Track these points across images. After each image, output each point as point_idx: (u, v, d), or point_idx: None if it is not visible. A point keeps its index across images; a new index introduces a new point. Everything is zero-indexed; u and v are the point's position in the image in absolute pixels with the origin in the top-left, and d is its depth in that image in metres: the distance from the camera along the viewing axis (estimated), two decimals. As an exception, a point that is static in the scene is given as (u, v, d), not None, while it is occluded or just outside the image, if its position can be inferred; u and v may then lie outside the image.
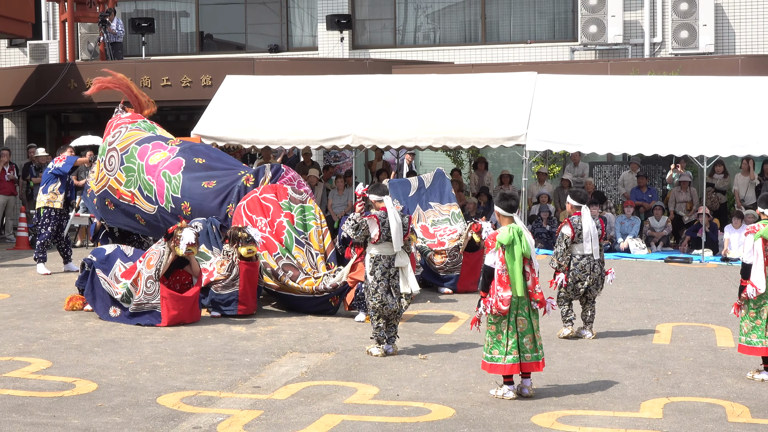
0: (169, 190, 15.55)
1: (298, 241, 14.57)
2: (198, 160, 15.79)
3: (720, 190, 22.45)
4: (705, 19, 26.38)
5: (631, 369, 11.04)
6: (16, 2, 25.59)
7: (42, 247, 17.70)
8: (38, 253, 17.80)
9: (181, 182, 15.53)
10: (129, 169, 15.93)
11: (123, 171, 15.94)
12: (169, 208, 15.51)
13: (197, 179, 15.55)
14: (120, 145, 16.14)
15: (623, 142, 20.63)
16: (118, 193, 16.01)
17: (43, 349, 11.94)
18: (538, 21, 29.09)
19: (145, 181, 15.75)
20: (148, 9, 31.54)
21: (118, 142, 16.21)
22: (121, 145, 16.13)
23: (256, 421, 9.02)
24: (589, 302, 12.81)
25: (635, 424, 8.99)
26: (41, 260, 17.81)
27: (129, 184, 15.89)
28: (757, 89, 21.41)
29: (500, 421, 9.05)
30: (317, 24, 29.75)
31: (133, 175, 15.86)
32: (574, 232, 12.58)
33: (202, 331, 12.97)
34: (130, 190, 15.88)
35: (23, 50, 30.62)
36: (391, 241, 11.61)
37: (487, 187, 23.67)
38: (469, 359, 11.46)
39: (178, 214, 15.26)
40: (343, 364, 11.28)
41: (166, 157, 15.84)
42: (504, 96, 21.78)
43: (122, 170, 15.95)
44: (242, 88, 23.10)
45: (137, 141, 16.14)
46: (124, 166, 15.95)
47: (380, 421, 9.01)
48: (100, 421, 8.98)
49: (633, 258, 20.53)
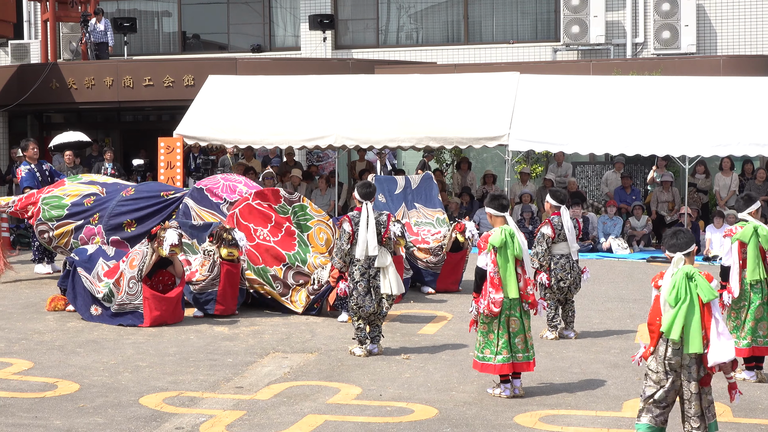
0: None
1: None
2: (128, 228, 15.72)
3: (702, 190, 22.53)
4: (687, 20, 26.47)
5: (613, 368, 11.07)
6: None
7: (40, 246, 17.73)
8: (37, 254, 17.84)
9: None
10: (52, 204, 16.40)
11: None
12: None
13: None
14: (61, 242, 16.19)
15: (606, 142, 20.71)
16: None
17: (24, 349, 11.90)
18: (520, 21, 29.13)
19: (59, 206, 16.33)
20: (131, 9, 31.46)
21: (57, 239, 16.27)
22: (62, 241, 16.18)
23: (238, 422, 9.01)
24: (569, 302, 12.84)
25: (618, 424, 9.01)
26: (39, 260, 17.83)
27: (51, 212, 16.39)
28: (739, 89, 21.49)
29: (483, 420, 9.07)
30: (300, 24, 29.73)
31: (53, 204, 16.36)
32: (555, 232, 12.60)
33: (184, 332, 12.95)
34: None
35: (5, 50, 30.50)
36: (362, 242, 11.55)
37: (470, 187, 23.70)
38: (452, 359, 11.47)
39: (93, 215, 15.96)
40: (325, 364, 11.28)
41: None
42: (487, 96, 21.82)
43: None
44: (225, 88, 23.08)
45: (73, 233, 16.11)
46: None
47: (363, 421, 9.01)
48: (83, 421, 8.96)
49: (615, 258, 20.58)
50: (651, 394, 7.77)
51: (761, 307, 10.67)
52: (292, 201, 15.01)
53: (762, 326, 10.67)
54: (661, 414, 7.75)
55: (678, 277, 7.74)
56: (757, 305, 10.64)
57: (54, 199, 16.20)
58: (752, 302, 10.63)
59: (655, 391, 7.75)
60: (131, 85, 25.78)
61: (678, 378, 7.75)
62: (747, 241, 10.57)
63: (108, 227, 15.70)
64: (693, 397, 7.73)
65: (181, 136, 21.58)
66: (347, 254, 11.64)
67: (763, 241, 10.60)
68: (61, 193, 16.29)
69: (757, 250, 10.59)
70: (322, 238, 14.83)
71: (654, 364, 7.77)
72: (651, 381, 7.78)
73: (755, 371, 10.68)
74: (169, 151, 21.24)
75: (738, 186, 21.79)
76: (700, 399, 7.75)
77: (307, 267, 14.28)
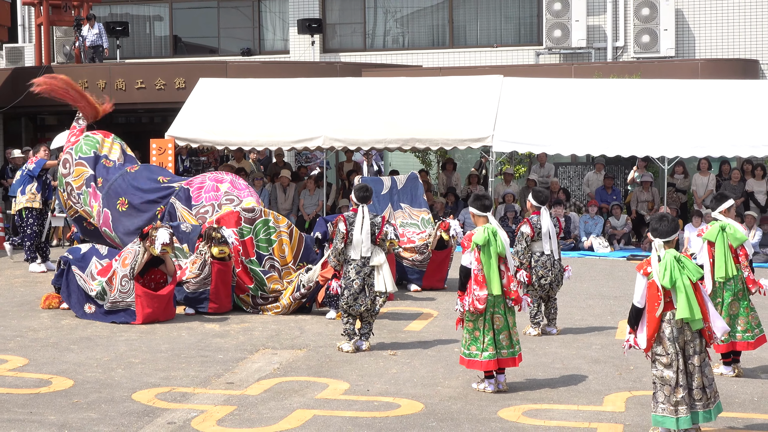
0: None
1: (265, 270, 14.32)
2: (120, 206, 15.88)
3: (680, 190, 22.59)
4: (666, 24, 26.53)
5: (594, 364, 11.10)
6: (-7, 6, 25.46)
7: (32, 246, 17.71)
8: (29, 253, 17.80)
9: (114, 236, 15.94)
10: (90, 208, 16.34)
11: (86, 206, 16.30)
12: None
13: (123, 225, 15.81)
14: (75, 183, 16.38)
15: (587, 144, 20.76)
16: (89, 221, 16.47)
17: (19, 346, 11.87)
18: (504, 25, 29.17)
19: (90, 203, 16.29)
20: (123, 13, 31.39)
21: (72, 178, 16.43)
22: (76, 183, 16.38)
23: (229, 417, 9.01)
24: (551, 299, 12.87)
25: (599, 418, 9.04)
26: (32, 260, 17.80)
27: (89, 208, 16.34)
28: (716, 92, 21.57)
29: (468, 415, 9.09)
30: (288, 28, 29.70)
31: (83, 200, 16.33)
32: (534, 230, 12.63)
33: (176, 329, 12.94)
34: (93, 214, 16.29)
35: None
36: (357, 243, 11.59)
37: (455, 187, 23.72)
38: (437, 355, 11.48)
39: None
40: (314, 360, 11.28)
41: (97, 211, 16.11)
42: (471, 98, 21.86)
43: (86, 206, 16.30)
44: (215, 91, 23.04)
45: (86, 182, 16.33)
46: (86, 204, 16.30)
47: (351, 416, 9.02)
48: (77, 417, 8.95)
49: (596, 256, 20.62)
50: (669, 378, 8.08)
51: (735, 303, 10.69)
52: (253, 219, 14.51)
53: (740, 321, 10.70)
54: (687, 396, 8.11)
55: (668, 260, 8.08)
56: (729, 302, 10.66)
57: (93, 140, 16.62)
58: (725, 299, 10.66)
59: (671, 373, 8.06)
60: (124, 87, 25.72)
61: (683, 355, 8.12)
62: (714, 240, 10.62)
63: (106, 197, 15.92)
64: (696, 369, 8.12)
65: (173, 137, 21.55)
66: (341, 253, 11.67)
67: (731, 239, 10.62)
68: (100, 139, 16.70)
69: (725, 249, 10.59)
70: (284, 250, 14.65)
71: (661, 349, 8.03)
72: (661, 366, 8.06)
73: (732, 366, 10.72)
74: (160, 153, 21.20)
75: (715, 186, 21.85)
76: (702, 371, 8.13)
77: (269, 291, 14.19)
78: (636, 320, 8.28)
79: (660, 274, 8.07)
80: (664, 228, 8.22)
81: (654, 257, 8.20)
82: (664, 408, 8.17)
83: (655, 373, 8.22)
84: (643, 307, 8.22)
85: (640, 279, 8.24)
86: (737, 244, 10.65)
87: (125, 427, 8.70)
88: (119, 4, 31.38)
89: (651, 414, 8.35)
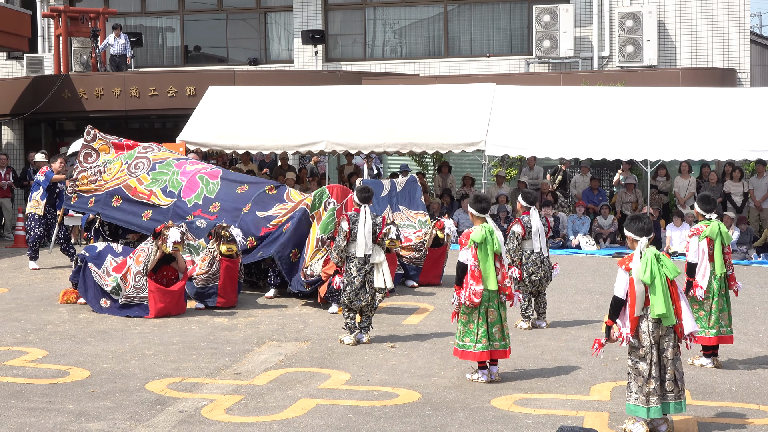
0: (203, 190, 15.92)
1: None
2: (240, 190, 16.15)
3: (663, 192, 22.57)
4: (649, 35, 26.50)
5: (582, 355, 11.09)
6: (14, 18, 25.41)
7: (34, 246, 17.68)
8: (30, 251, 17.81)
9: (219, 186, 15.87)
10: (160, 173, 16.27)
11: (149, 174, 16.26)
12: (192, 203, 15.72)
13: (233, 185, 15.97)
14: (154, 157, 16.60)
15: (574, 148, 20.76)
16: (134, 191, 16.10)
17: (39, 339, 11.86)
18: (496, 36, 29.13)
19: (174, 181, 16.05)
20: (137, 24, 31.35)
21: (152, 154, 16.68)
22: (156, 157, 16.60)
23: (237, 405, 9.00)
24: (541, 295, 12.86)
25: (586, 406, 9.03)
26: (33, 258, 17.79)
27: (152, 184, 16.13)
28: (696, 99, 21.57)
29: (462, 404, 9.08)
30: (293, 39, 29.66)
31: (161, 178, 16.19)
32: (525, 230, 12.62)
33: (187, 322, 12.93)
34: (150, 188, 16.07)
35: (20, 63, 30.40)
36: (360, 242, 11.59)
37: (450, 188, 23.71)
38: (433, 347, 11.47)
39: (193, 211, 15.51)
40: (317, 352, 11.27)
41: (204, 166, 16.55)
42: (465, 105, 21.86)
43: (149, 174, 16.27)
44: (224, 98, 23.06)
45: (175, 158, 16.82)
46: (154, 171, 16.29)
47: (352, 405, 9.01)
48: (93, 405, 8.94)
49: (583, 254, 20.60)
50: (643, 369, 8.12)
51: (720, 299, 10.72)
52: None
53: (723, 317, 10.73)
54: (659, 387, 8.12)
55: (649, 257, 8.13)
56: (717, 298, 10.69)
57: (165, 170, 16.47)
58: (715, 294, 10.68)
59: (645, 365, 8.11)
60: (137, 95, 25.70)
61: (657, 348, 8.13)
62: (714, 238, 10.62)
63: None
64: (669, 362, 8.15)
65: (184, 142, 21.55)
66: (343, 251, 11.67)
67: (725, 237, 10.67)
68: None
69: (723, 247, 10.66)
70: None
71: (637, 341, 8.07)
72: (637, 357, 8.16)
73: (712, 358, 10.72)
74: (172, 156, 21.16)
75: (696, 188, 21.84)
76: (674, 365, 8.16)
77: None
78: (616, 312, 8.28)
79: (641, 270, 8.10)
80: (648, 226, 8.32)
81: (636, 254, 8.23)
82: (636, 398, 8.17)
83: (630, 364, 8.24)
84: (624, 299, 8.23)
85: (621, 273, 8.26)
86: (728, 243, 10.70)
87: (139, 415, 8.69)
88: (133, 16, 31.34)
89: (625, 402, 8.35)
